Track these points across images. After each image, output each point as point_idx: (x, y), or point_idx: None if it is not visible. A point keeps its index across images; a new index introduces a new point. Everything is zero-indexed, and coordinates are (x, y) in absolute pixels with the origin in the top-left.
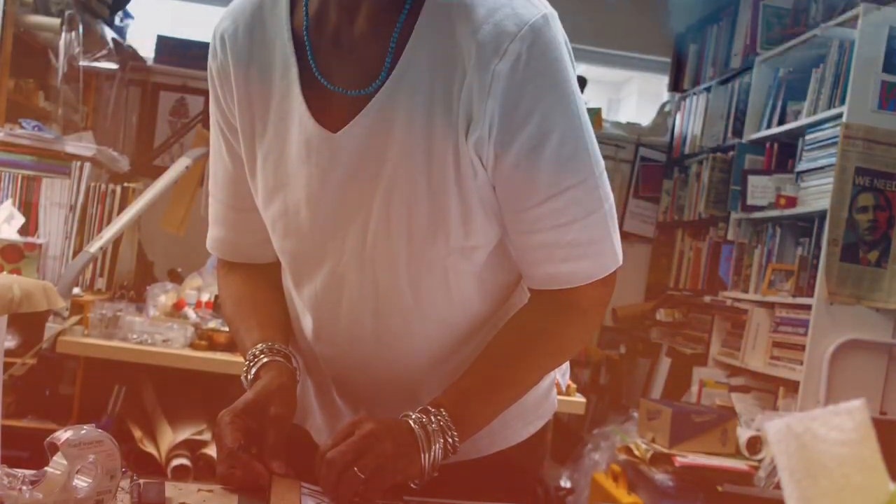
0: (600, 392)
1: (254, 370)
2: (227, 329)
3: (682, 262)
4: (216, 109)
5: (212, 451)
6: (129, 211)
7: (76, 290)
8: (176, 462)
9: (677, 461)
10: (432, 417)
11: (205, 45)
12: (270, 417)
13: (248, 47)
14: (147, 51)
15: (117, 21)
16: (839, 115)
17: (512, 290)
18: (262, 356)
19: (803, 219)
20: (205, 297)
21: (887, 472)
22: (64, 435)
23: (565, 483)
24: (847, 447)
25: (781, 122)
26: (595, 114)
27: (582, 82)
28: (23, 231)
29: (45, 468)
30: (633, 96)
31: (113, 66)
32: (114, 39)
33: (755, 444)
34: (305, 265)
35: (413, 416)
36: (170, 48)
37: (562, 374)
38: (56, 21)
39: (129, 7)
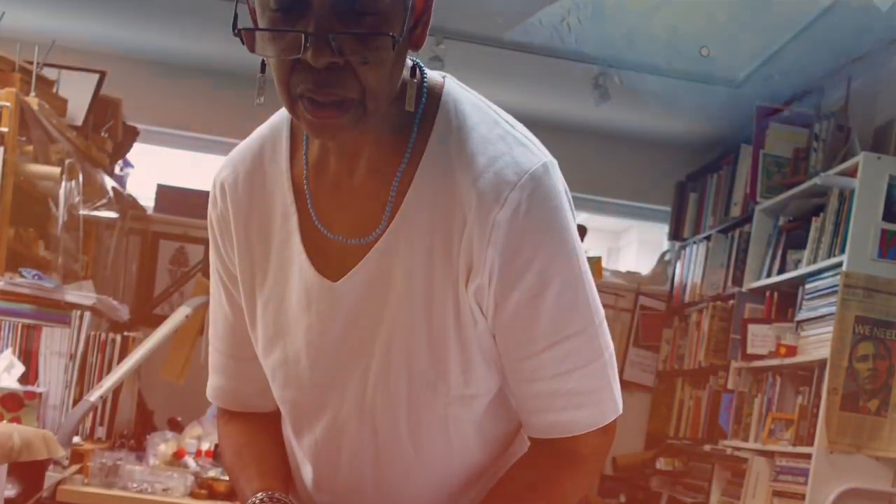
0: None
1: None
2: (227, 478)
3: (682, 411)
4: (216, 258)
5: None
6: (129, 360)
7: (76, 439)
8: None
9: None
10: None
11: (205, 194)
12: None
13: (247, 196)
14: (147, 199)
15: (117, 170)
16: (839, 264)
17: (512, 439)
18: None
19: (803, 367)
20: (205, 446)
21: None
22: None
23: None
24: None
25: (781, 270)
26: (595, 262)
27: (582, 231)
28: (23, 380)
29: None
30: (633, 245)
31: (113, 214)
32: (114, 188)
33: None
34: (305, 414)
35: None
36: (170, 197)
37: None
38: (56, 170)
39: (129, 156)
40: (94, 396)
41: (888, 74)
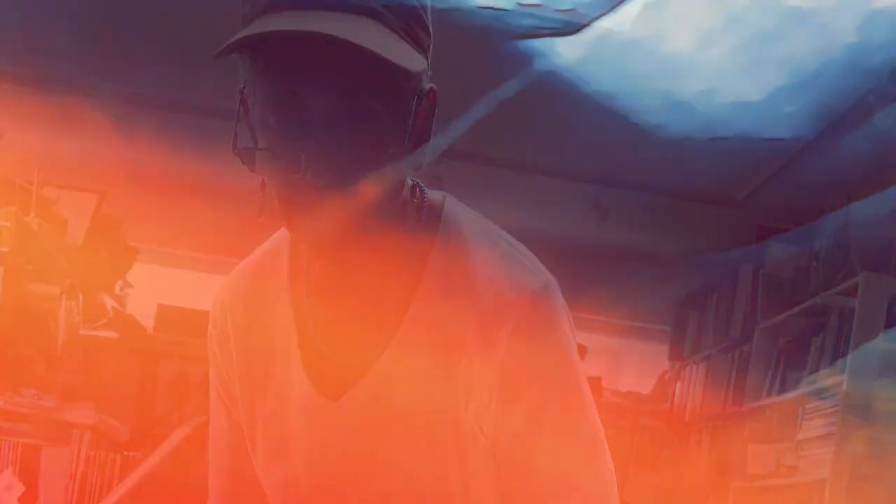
0: None
1: None
2: None
3: None
4: (216, 378)
5: None
6: (129, 480)
7: None
8: None
9: None
10: None
11: (205, 314)
12: None
13: (248, 315)
14: (147, 319)
15: (118, 290)
16: (840, 384)
17: None
18: None
19: (804, 487)
20: None
21: None
22: None
23: None
24: None
25: (782, 390)
26: (595, 382)
27: (582, 350)
28: (23, 500)
29: None
30: (633, 364)
31: (113, 334)
32: (114, 308)
33: None
34: None
35: None
36: (170, 317)
37: None
38: (56, 290)
39: (129, 276)
40: None
41: (888, 194)
